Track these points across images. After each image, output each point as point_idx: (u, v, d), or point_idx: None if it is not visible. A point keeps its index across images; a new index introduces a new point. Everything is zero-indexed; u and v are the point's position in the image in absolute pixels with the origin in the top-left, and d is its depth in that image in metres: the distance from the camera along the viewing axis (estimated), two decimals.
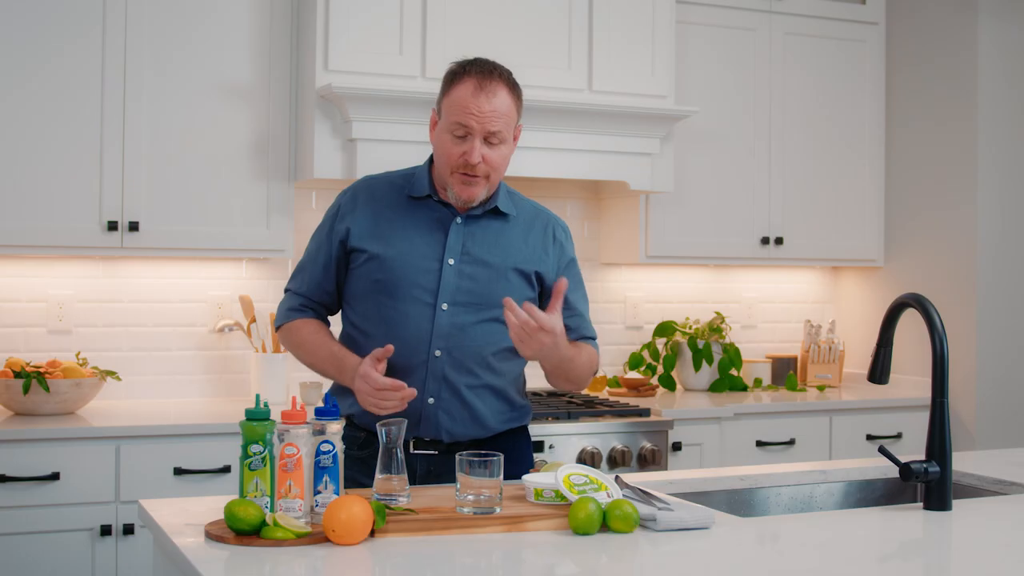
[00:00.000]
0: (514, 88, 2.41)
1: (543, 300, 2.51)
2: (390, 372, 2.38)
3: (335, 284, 2.51)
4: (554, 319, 2.23)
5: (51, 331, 3.76)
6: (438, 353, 2.39)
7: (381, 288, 2.42)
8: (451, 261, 2.41)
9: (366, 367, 2.29)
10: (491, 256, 2.43)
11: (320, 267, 2.51)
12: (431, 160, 2.50)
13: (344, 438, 2.44)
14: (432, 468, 2.41)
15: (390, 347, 2.30)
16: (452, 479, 2.33)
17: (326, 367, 2.46)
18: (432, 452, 2.42)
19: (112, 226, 3.53)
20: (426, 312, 2.39)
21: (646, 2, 4.03)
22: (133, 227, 3.55)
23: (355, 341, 2.47)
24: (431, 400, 2.40)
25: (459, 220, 2.44)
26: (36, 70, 3.47)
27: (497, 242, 2.45)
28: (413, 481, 2.39)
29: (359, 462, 2.40)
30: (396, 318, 2.40)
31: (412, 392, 2.28)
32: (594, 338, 2.58)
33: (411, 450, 2.40)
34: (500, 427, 2.48)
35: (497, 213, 2.48)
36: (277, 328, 2.59)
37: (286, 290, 2.59)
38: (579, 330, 2.53)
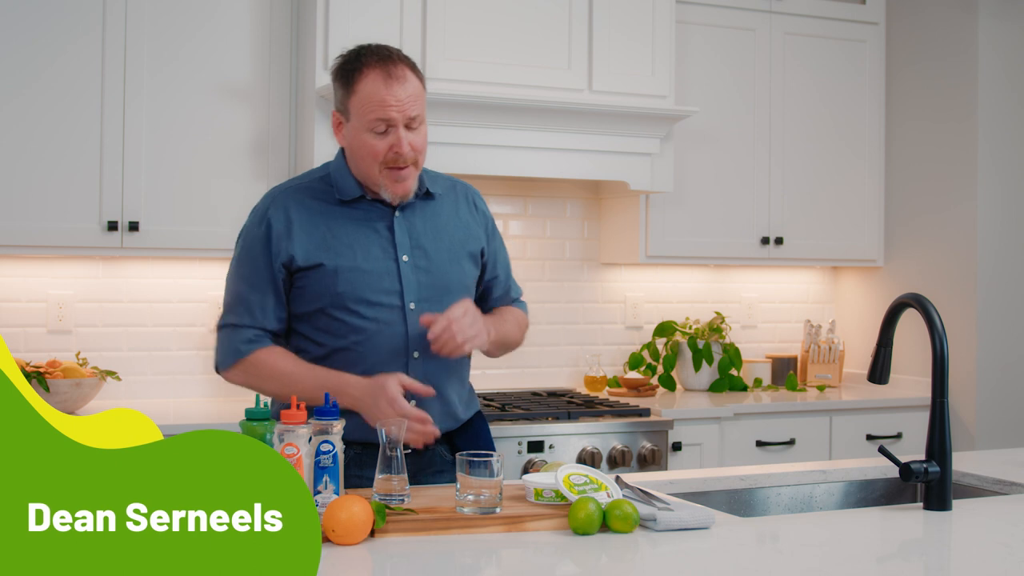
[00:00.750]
0: (415, 68, 2.35)
1: (483, 275, 2.54)
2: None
3: (286, 309, 2.37)
4: (452, 309, 2.28)
5: (51, 331, 3.76)
6: (416, 355, 2.36)
7: (343, 300, 2.32)
8: (405, 258, 2.37)
9: (395, 391, 2.19)
10: (439, 243, 2.41)
11: (270, 293, 2.35)
12: (343, 158, 2.41)
13: None
14: (408, 467, 2.38)
15: (431, 390, 2.27)
16: (430, 477, 2.36)
17: (317, 393, 2.20)
18: (407, 451, 2.39)
19: (112, 226, 3.53)
20: (396, 315, 2.35)
21: (646, 2, 4.03)
22: (133, 227, 3.55)
23: (317, 359, 2.37)
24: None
25: (398, 214, 2.39)
26: (37, 71, 3.48)
27: (438, 227, 2.43)
28: None
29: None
30: (368, 327, 2.33)
31: (436, 431, 2.23)
32: (519, 297, 2.62)
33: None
34: (466, 415, 2.49)
35: (427, 195, 2.44)
36: (228, 367, 2.37)
37: (223, 326, 2.38)
38: (507, 294, 2.57)
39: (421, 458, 2.40)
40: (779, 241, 4.45)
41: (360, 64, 2.30)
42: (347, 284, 2.32)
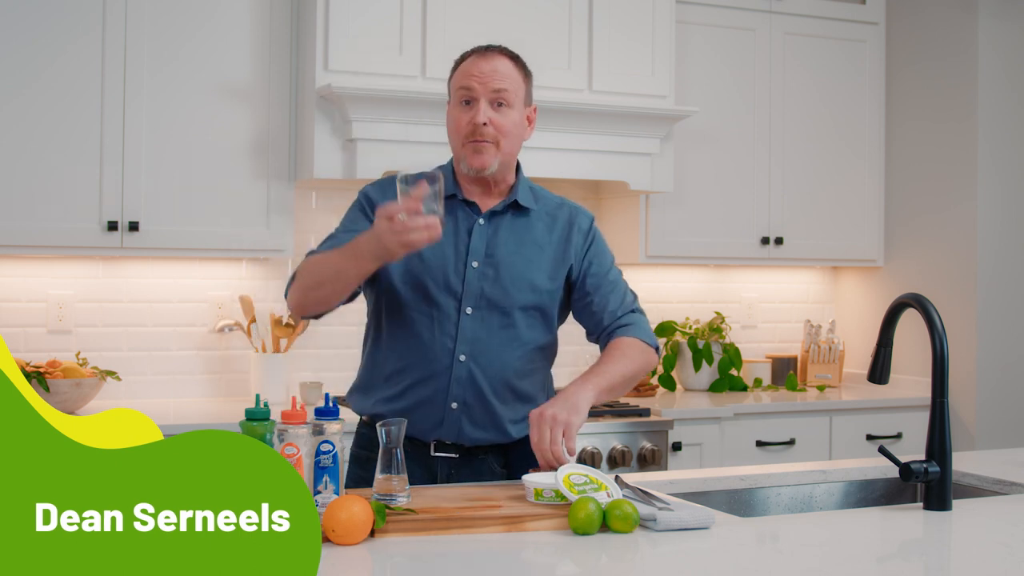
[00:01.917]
0: (517, 59, 2.41)
1: (568, 294, 2.47)
2: (413, 376, 2.36)
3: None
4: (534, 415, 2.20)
5: (51, 331, 3.76)
6: (462, 358, 2.36)
7: (405, 288, 2.36)
8: (475, 264, 2.37)
9: (391, 208, 2.07)
10: (515, 258, 2.39)
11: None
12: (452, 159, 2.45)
13: (363, 439, 2.44)
14: (453, 471, 2.39)
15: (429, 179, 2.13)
16: (474, 481, 2.35)
17: (341, 262, 2.22)
18: (453, 455, 2.40)
19: (112, 226, 3.53)
20: (450, 316, 2.36)
21: (646, 2, 4.03)
22: (133, 227, 3.55)
23: (376, 342, 2.44)
24: (454, 405, 2.37)
25: (482, 221, 2.39)
26: (37, 71, 3.48)
27: (521, 243, 2.41)
28: (434, 482, 2.38)
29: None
30: (420, 321, 2.36)
31: (434, 222, 2.06)
32: (628, 325, 2.45)
33: (432, 452, 2.39)
34: (522, 433, 2.43)
35: (518, 208, 2.43)
36: (289, 283, 2.35)
37: (306, 256, 2.38)
38: (610, 327, 2.45)
39: (469, 466, 2.40)
40: (779, 241, 4.45)
41: (467, 54, 2.42)
42: (411, 277, 2.36)
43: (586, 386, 2.28)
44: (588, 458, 3.63)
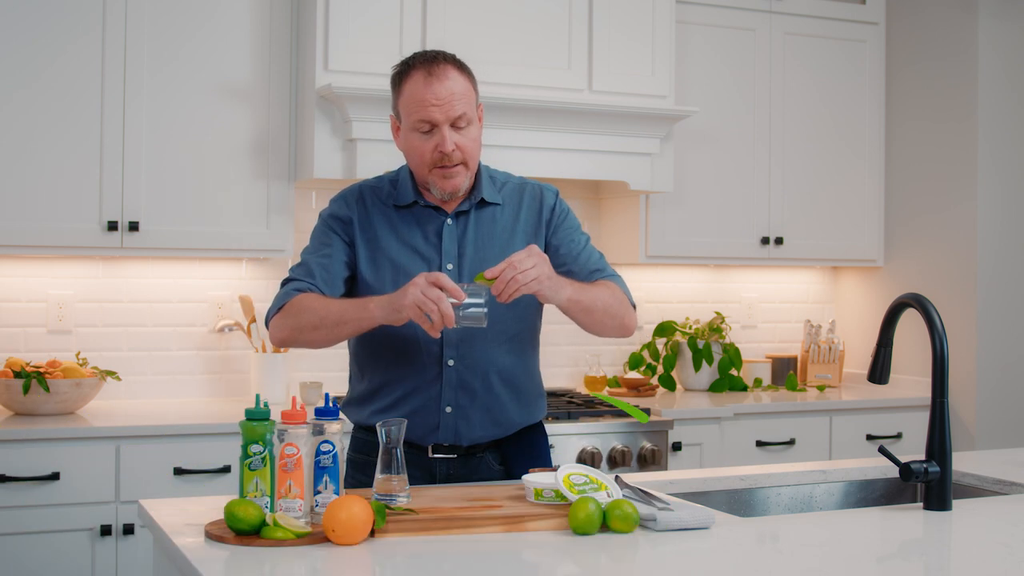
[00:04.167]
0: (463, 67, 2.36)
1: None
2: (403, 384, 2.37)
3: (344, 284, 2.39)
4: (515, 253, 2.20)
5: (51, 331, 3.76)
6: (451, 362, 2.37)
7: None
8: (449, 266, 2.38)
9: (422, 278, 2.14)
10: (488, 252, 2.39)
11: (330, 258, 2.38)
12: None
13: (361, 445, 2.43)
14: (452, 471, 2.40)
15: (463, 295, 2.17)
16: (472, 479, 2.36)
17: (344, 310, 2.26)
18: (451, 456, 2.40)
19: (112, 226, 3.53)
20: None
21: (646, 2, 4.03)
22: (133, 227, 3.55)
23: (358, 357, 2.45)
24: (448, 409, 2.37)
25: (449, 221, 2.40)
26: (37, 71, 3.48)
27: (492, 235, 2.41)
28: (433, 482, 2.38)
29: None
30: (404, 332, 2.33)
31: (450, 318, 2.13)
32: (601, 270, 2.48)
33: (430, 454, 2.40)
34: (517, 425, 2.46)
35: (484, 204, 2.43)
36: (273, 314, 2.36)
37: (283, 282, 2.40)
38: (588, 278, 2.45)
39: (467, 465, 2.40)
40: (779, 241, 4.45)
41: (407, 67, 2.36)
42: (389, 285, 2.34)
43: (566, 279, 2.30)
44: (588, 458, 3.63)
